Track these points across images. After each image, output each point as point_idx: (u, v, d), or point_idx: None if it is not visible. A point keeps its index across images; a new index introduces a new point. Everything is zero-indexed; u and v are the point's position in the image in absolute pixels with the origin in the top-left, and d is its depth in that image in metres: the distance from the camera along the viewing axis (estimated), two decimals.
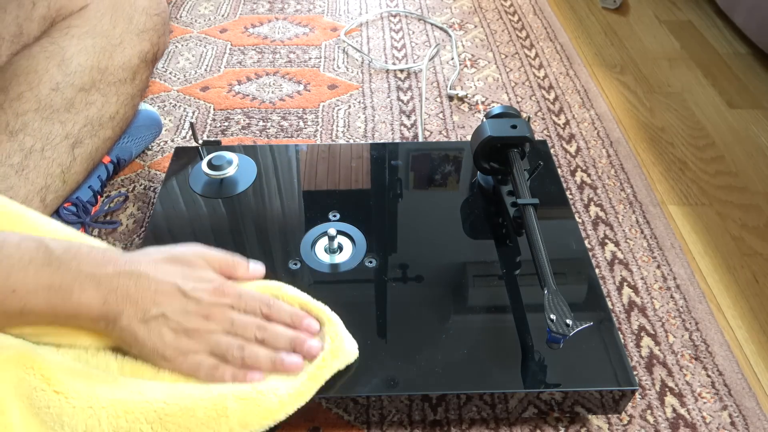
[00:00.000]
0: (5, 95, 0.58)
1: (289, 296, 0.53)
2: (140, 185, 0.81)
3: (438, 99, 0.99)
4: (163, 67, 1.04)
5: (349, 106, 0.97)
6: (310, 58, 1.08)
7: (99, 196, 0.75)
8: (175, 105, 0.96)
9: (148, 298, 0.44)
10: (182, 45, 1.11)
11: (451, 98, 0.99)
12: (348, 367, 0.51)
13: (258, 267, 0.54)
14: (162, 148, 0.87)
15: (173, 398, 0.43)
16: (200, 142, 0.75)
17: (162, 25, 0.69)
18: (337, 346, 0.50)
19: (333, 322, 0.52)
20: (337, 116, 0.94)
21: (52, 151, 0.59)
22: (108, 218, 0.76)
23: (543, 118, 0.95)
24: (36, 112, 0.58)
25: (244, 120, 0.93)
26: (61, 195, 0.63)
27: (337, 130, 0.91)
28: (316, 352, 0.49)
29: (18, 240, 0.42)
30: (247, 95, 0.98)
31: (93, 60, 0.62)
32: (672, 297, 0.68)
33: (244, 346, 0.47)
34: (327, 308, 0.53)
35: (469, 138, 0.88)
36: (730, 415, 0.58)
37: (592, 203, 0.80)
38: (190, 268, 0.48)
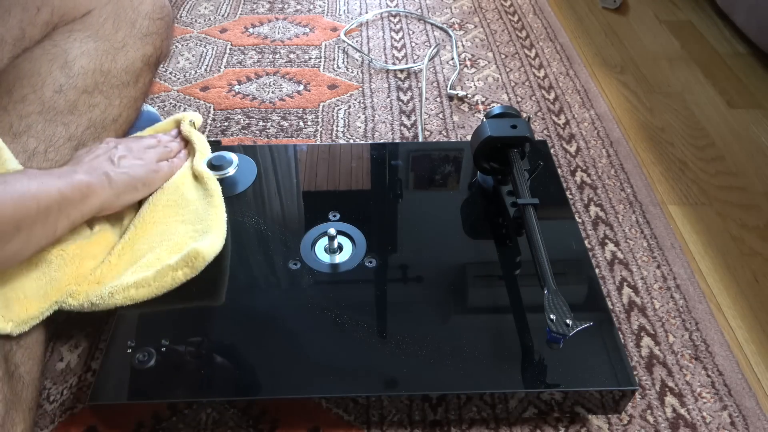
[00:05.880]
0: (9, 97, 0.58)
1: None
2: None
3: (438, 99, 0.99)
4: (163, 67, 1.04)
5: (349, 106, 0.97)
6: (310, 58, 1.08)
7: None
8: (175, 105, 0.96)
9: (102, 157, 0.58)
10: (182, 45, 1.11)
11: (451, 98, 0.99)
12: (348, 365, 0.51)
13: None
14: None
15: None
16: None
17: (165, 29, 0.69)
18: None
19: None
20: (337, 116, 0.94)
21: (55, 153, 0.59)
22: None
23: (543, 118, 0.95)
24: (39, 114, 0.58)
25: (244, 120, 0.93)
26: None
27: (337, 130, 0.91)
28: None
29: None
30: (247, 95, 0.98)
31: (96, 63, 0.62)
32: (672, 297, 0.68)
33: (166, 144, 0.68)
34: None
35: (469, 138, 0.88)
36: (730, 415, 0.58)
37: (592, 203, 0.80)
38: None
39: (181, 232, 0.60)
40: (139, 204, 0.63)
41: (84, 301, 0.54)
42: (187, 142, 0.70)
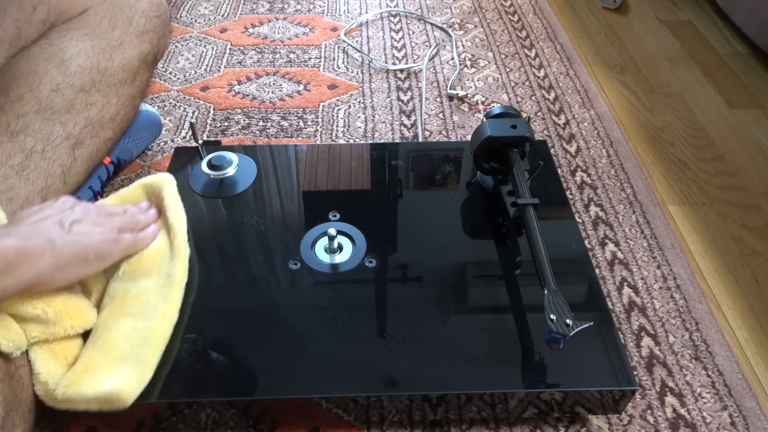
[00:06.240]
0: (6, 97, 0.58)
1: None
2: None
3: (438, 99, 0.99)
4: (163, 67, 1.04)
5: (349, 106, 0.97)
6: (310, 58, 1.08)
7: (99, 197, 0.75)
8: (175, 105, 0.96)
9: (51, 219, 0.50)
10: (182, 45, 1.11)
11: (451, 98, 0.99)
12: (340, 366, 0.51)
13: None
14: (162, 148, 0.87)
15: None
16: (200, 142, 0.75)
17: (162, 27, 0.69)
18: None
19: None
20: (337, 116, 0.94)
21: (52, 152, 0.59)
22: None
23: (543, 118, 0.95)
24: (37, 113, 0.58)
25: (244, 120, 0.93)
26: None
27: (337, 130, 0.91)
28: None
29: None
30: (247, 95, 0.98)
31: (92, 61, 0.62)
32: (672, 297, 0.68)
33: (133, 215, 0.58)
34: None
35: (469, 138, 0.88)
36: (730, 415, 0.58)
37: (592, 203, 0.80)
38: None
39: (120, 327, 0.52)
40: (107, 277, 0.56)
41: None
42: (160, 213, 0.61)
